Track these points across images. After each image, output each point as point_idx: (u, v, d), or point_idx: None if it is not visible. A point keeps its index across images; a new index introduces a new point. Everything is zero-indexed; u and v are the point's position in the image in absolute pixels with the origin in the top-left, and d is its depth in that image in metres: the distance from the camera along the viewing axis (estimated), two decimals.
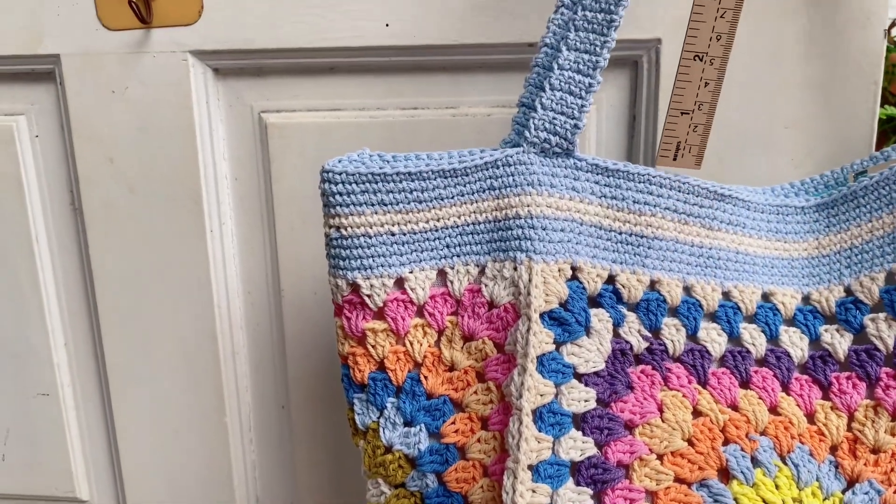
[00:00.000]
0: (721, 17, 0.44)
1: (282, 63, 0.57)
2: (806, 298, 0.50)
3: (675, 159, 0.46)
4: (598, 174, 0.48)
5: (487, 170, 0.47)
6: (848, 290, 0.49)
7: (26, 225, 0.62)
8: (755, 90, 0.54)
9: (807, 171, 0.55)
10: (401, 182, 0.45)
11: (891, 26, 0.94)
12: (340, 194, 0.45)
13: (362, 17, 0.55)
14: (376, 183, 0.45)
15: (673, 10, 0.53)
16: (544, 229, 0.46)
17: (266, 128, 0.59)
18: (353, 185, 0.45)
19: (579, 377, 0.45)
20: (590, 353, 0.45)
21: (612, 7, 0.46)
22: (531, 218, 0.46)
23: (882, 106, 0.68)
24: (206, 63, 0.57)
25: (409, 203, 0.46)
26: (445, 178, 0.46)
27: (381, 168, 0.45)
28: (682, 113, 0.45)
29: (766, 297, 0.50)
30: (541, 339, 0.44)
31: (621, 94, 0.57)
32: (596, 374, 0.45)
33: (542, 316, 0.45)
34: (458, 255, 0.47)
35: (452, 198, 0.46)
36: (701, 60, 0.45)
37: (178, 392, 0.64)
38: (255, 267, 0.62)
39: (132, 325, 0.63)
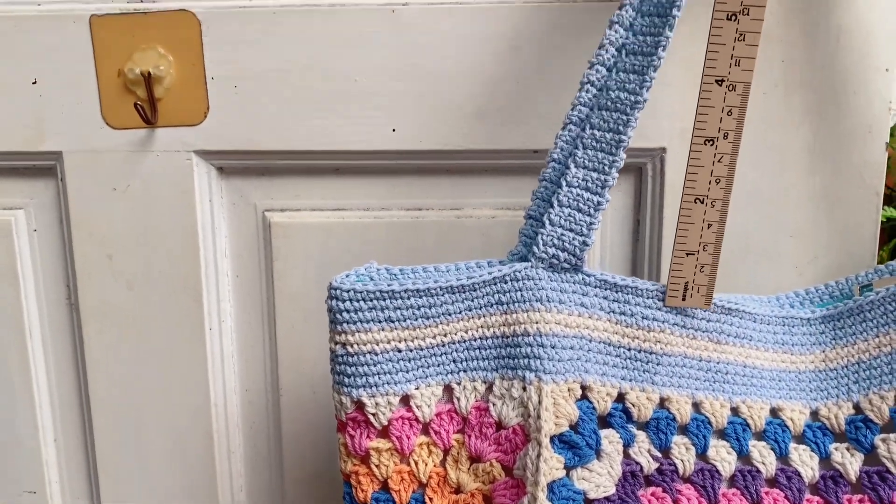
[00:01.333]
0: (718, 161, 0.45)
1: (287, 163, 0.57)
2: (815, 414, 0.50)
3: (683, 299, 0.46)
4: (606, 289, 0.47)
5: (495, 284, 0.46)
6: (857, 408, 0.49)
7: (20, 318, 0.61)
8: (760, 199, 0.55)
9: (811, 280, 0.55)
10: (409, 299, 0.45)
11: None
12: (348, 311, 0.44)
13: (369, 122, 0.55)
14: (384, 300, 0.45)
15: (678, 122, 0.54)
16: (553, 347, 0.45)
17: (270, 227, 0.58)
18: (361, 303, 0.44)
19: (590, 503, 0.44)
20: (600, 476, 0.44)
21: (620, 128, 0.46)
22: (540, 336, 0.45)
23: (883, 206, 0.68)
24: (210, 162, 0.57)
25: (416, 319, 0.45)
26: (453, 293, 0.46)
27: (389, 285, 0.44)
28: (687, 254, 0.45)
29: (774, 412, 0.49)
30: (551, 465, 0.43)
31: (626, 199, 0.57)
32: (607, 499, 0.44)
33: (552, 439, 0.44)
34: (465, 371, 0.46)
35: (460, 312, 0.46)
36: (702, 203, 0.45)
37: (172, 492, 0.62)
38: (253, 365, 0.61)
39: (125, 423, 0.61)
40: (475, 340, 0.46)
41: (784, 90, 0.53)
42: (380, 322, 0.45)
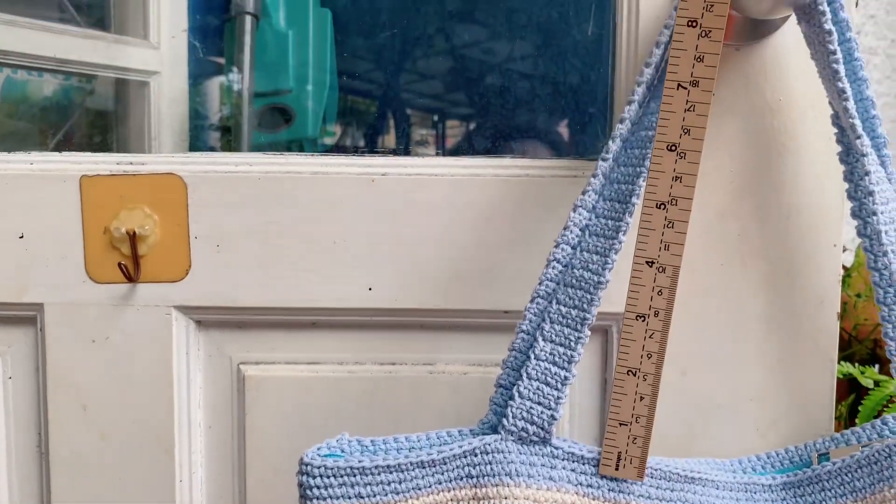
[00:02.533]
0: (650, 337, 0.47)
1: (263, 318, 0.59)
2: None
3: (616, 469, 0.47)
4: (574, 462, 0.49)
5: (465, 457, 0.47)
6: None
7: None
8: (721, 363, 0.57)
9: (773, 442, 0.57)
10: (379, 475, 0.46)
11: None
12: (318, 487, 0.45)
13: (346, 282, 0.57)
14: (355, 476, 0.45)
15: None
16: None
17: (244, 379, 0.59)
18: (332, 479, 0.45)
19: None
20: None
21: (585, 305, 0.48)
22: None
23: (839, 362, 0.71)
24: (189, 316, 0.59)
25: (386, 494, 0.46)
26: (423, 467, 0.46)
27: (359, 461, 0.45)
28: (620, 424, 0.47)
29: None
30: None
31: (593, 359, 0.59)
32: None
33: None
34: None
35: (430, 486, 0.47)
36: (634, 375, 0.47)
37: None
38: None
39: None
40: None
41: (740, 262, 0.56)
42: (350, 498, 0.45)
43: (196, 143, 1.02)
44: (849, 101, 0.48)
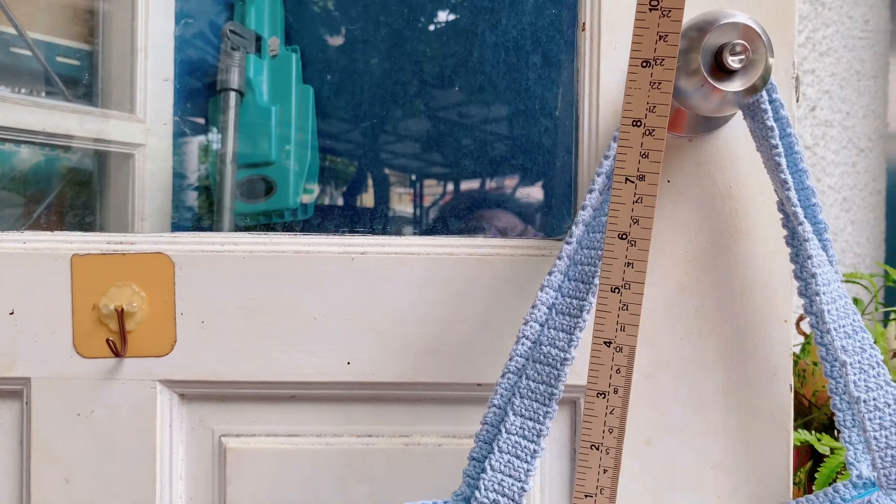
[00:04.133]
0: (610, 413, 0.50)
1: (245, 392, 0.61)
2: None
3: None
4: None
5: None
6: None
7: None
8: (683, 433, 0.60)
9: None
10: None
11: (799, 319, 1.05)
12: None
13: (326, 356, 0.60)
14: None
15: None
16: None
17: (225, 451, 0.61)
18: None
19: None
20: None
21: (552, 381, 0.51)
22: None
23: (796, 430, 0.74)
24: (173, 390, 0.61)
25: None
26: None
27: None
28: (585, 496, 0.49)
29: None
30: None
31: (562, 430, 0.61)
32: None
33: None
34: None
35: None
36: (597, 450, 0.49)
37: None
38: None
39: None
40: None
41: (698, 337, 0.59)
42: None
43: (180, 211, 1.05)
44: (790, 190, 0.53)
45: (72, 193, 1.05)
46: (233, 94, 1.09)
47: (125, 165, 1.04)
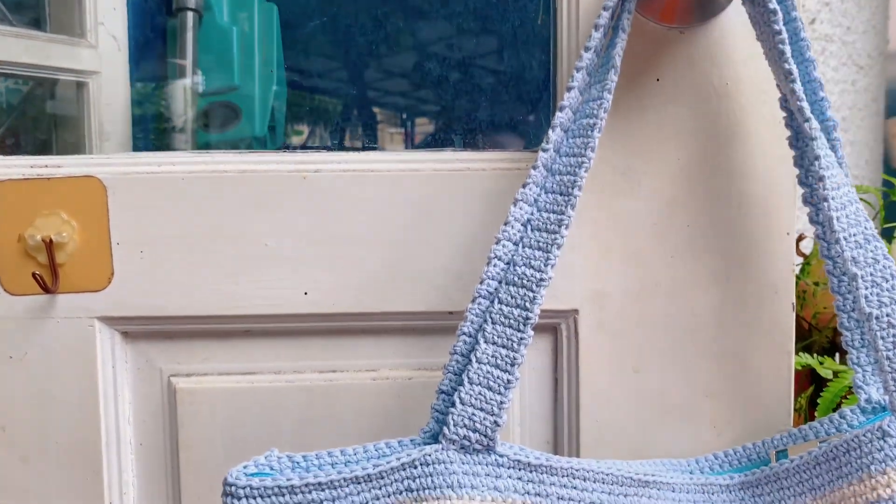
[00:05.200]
0: None
1: (194, 327, 0.55)
2: None
3: None
4: (520, 470, 0.46)
5: (404, 470, 0.44)
6: None
7: None
8: (674, 360, 0.55)
9: (729, 439, 0.55)
10: (310, 493, 0.43)
11: (798, 240, 1.00)
12: None
13: (279, 286, 0.54)
14: (283, 496, 0.42)
15: (589, 284, 0.54)
16: None
17: (175, 392, 0.56)
18: (259, 500, 0.42)
19: None
20: None
21: (527, 304, 0.46)
22: None
23: (796, 353, 0.69)
24: (114, 328, 0.55)
25: None
26: (359, 483, 0.44)
27: (288, 480, 0.42)
28: None
29: None
30: None
31: (543, 358, 0.56)
32: None
33: None
34: None
35: (367, 503, 0.44)
36: None
37: None
38: None
39: None
40: None
41: (691, 254, 0.54)
42: None
43: (139, 145, 0.98)
44: (795, 82, 0.46)
45: (24, 127, 0.98)
46: (190, 14, 1.00)
47: (80, 95, 0.96)
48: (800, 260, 0.95)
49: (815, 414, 0.61)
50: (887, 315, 0.44)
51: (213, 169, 0.54)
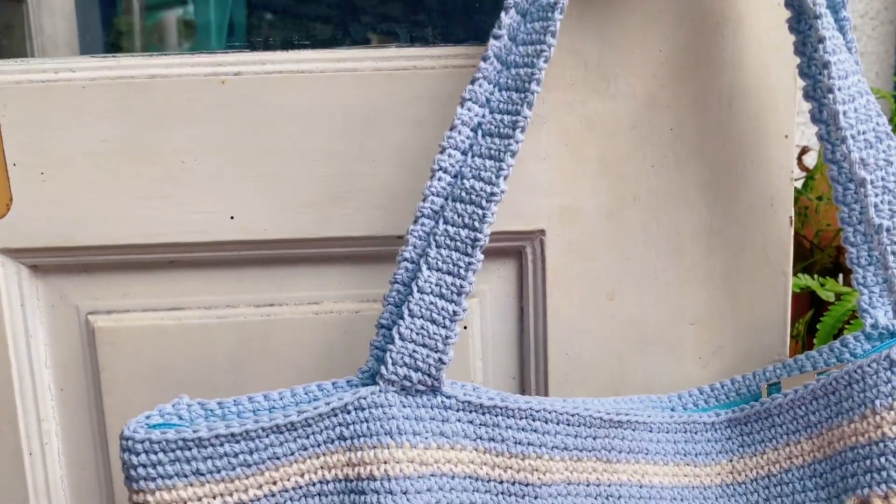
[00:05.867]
0: None
1: (111, 259, 0.49)
2: None
3: None
4: (471, 412, 0.40)
5: (336, 416, 0.39)
6: None
7: None
8: (655, 285, 0.48)
9: (717, 372, 0.49)
10: (222, 445, 0.37)
11: (801, 153, 0.92)
12: (144, 466, 0.36)
13: (202, 210, 0.47)
14: (190, 449, 0.36)
15: (557, 199, 0.47)
16: (405, 493, 0.38)
17: (94, 332, 0.50)
18: (161, 455, 0.36)
19: None
20: None
21: (476, 224, 0.39)
22: (388, 480, 0.38)
23: (795, 274, 0.63)
24: (19, 261, 0.48)
25: (234, 469, 0.37)
26: (281, 433, 0.38)
27: (195, 432, 0.36)
28: None
29: None
30: None
31: (507, 286, 0.50)
32: None
33: None
34: None
35: (292, 454, 0.38)
36: None
37: None
38: (86, 491, 0.52)
39: None
40: (313, 486, 0.38)
41: (675, 162, 0.47)
42: (186, 477, 0.36)
43: None
44: None
45: None
46: None
47: (17, 8, 0.88)
48: (802, 175, 0.87)
49: (814, 342, 0.55)
50: None
51: (118, 75, 0.46)
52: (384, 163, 0.47)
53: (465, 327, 0.50)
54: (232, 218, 0.47)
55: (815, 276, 0.60)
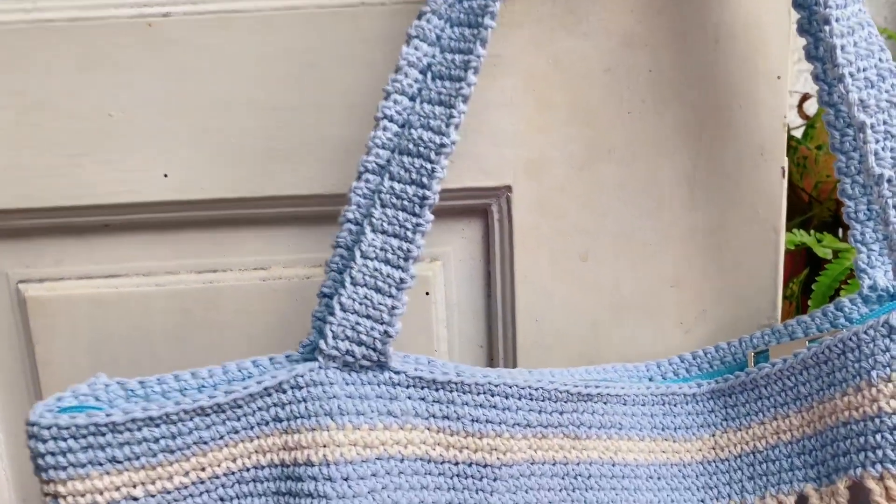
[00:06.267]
0: None
1: (40, 223, 0.45)
2: None
3: None
4: (423, 389, 0.36)
5: (269, 395, 0.35)
6: None
7: None
8: (632, 244, 0.44)
9: (701, 338, 0.45)
10: (140, 430, 0.33)
11: (802, 100, 0.86)
12: (53, 454, 0.33)
13: (132, 168, 0.43)
14: (103, 435, 0.33)
15: (524, 152, 0.43)
16: (347, 480, 0.34)
17: (25, 302, 0.46)
18: (71, 441, 0.32)
19: None
20: None
21: (424, 179, 0.35)
22: (327, 466, 0.34)
23: (790, 230, 0.58)
24: None
25: (154, 455, 0.33)
26: (206, 415, 0.34)
27: (108, 416, 0.33)
28: None
29: None
30: None
31: (472, 247, 0.46)
32: None
33: None
34: None
35: (221, 438, 0.34)
36: None
37: None
38: (28, 471, 0.49)
39: None
40: (247, 471, 0.35)
41: (653, 109, 0.42)
42: (101, 465, 0.33)
43: None
44: None
45: None
46: None
47: None
48: (802, 123, 0.82)
49: (809, 303, 0.51)
50: None
51: (34, 18, 0.41)
52: (331, 112, 0.42)
53: (427, 293, 0.46)
54: (165, 176, 0.43)
55: (812, 231, 0.55)
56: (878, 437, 0.34)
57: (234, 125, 0.42)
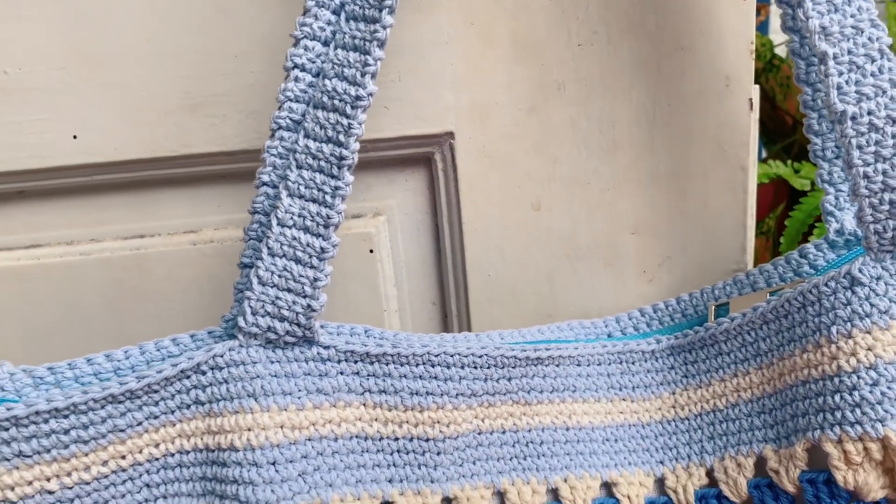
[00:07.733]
0: None
1: None
2: (660, 482, 0.38)
3: None
4: (356, 363, 0.34)
5: (188, 378, 0.32)
6: (710, 476, 0.37)
7: None
8: (588, 190, 0.40)
9: (665, 287, 0.42)
10: (46, 422, 0.31)
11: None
12: None
13: (39, 130, 0.39)
14: (7, 430, 0.30)
15: (465, 94, 0.39)
16: (274, 464, 0.32)
17: None
18: None
19: None
20: None
21: (341, 137, 0.31)
22: (252, 451, 0.32)
23: (766, 160, 0.55)
24: None
25: (66, 447, 0.31)
26: (119, 402, 0.32)
27: (8, 409, 0.30)
28: None
29: (608, 488, 0.37)
30: None
31: (417, 200, 0.42)
32: None
33: None
34: (165, 498, 0.33)
35: (139, 424, 0.32)
36: None
37: None
38: None
39: None
40: (171, 456, 0.33)
41: (607, 38, 0.38)
42: (8, 460, 0.31)
43: None
44: None
45: None
46: None
47: None
48: (784, 40, 0.77)
49: (781, 240, 0.48)
50: (868, 113, 0.29)
51: None
52: (249, 59, 0.38)
53: (372, 251, 0.43)
54: (75, 137, 0.39)
55: (791, 161, 0.52)
56: (837, 397, 0.31)
57: (144, 78, 0.38)
